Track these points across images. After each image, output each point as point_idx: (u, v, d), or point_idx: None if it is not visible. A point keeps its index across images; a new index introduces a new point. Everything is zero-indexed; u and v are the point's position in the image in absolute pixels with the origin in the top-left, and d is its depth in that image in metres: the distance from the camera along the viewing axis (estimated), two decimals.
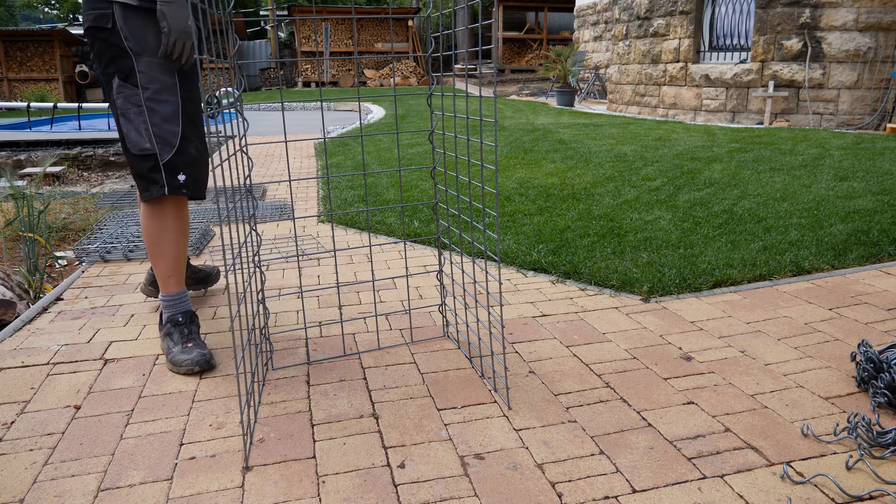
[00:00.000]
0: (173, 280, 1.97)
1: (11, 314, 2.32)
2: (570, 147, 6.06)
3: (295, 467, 1.40)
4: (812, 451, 1.42)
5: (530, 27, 22.71)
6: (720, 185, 4.16)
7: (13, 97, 19.83)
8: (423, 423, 1.56)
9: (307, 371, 1.85)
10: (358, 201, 3.95)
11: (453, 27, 1.74)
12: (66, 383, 1.79)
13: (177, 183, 1.83)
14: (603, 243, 2.93)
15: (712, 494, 1.28)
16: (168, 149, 1.80)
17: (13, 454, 1.47)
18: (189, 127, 1.84)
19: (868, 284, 2.43)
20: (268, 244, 3.17)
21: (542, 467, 1.38)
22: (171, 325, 1.93)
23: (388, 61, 21.98)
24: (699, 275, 2.51)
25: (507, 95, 16.21)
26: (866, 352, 1.67)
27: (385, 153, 6.03)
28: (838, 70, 7.51)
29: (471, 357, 1.91)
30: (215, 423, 1.57)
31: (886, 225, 3.11)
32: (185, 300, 1.99)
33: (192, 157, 1.85)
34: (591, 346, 1.97)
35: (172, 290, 1.98)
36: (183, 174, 1.83)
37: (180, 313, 1.95)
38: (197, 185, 1.89)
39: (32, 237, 2.78)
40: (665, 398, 1.65)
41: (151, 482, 1.36)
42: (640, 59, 9.93)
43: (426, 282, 2.58)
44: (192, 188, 1.87)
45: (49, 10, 37.71)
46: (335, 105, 13.96)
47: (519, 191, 4.10)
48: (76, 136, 7.68)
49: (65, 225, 3.71)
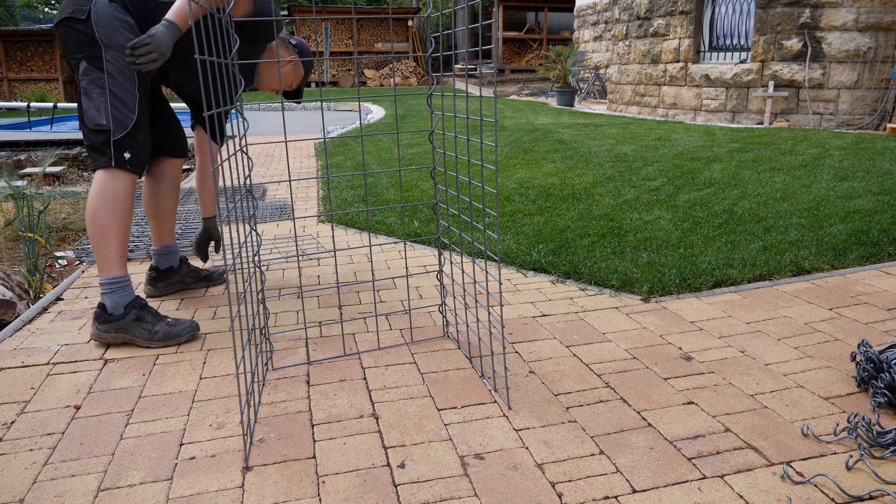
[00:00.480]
0: (121, 261, 2.00)
1: (11, 314, 2.32)
2: (570, 147, 6.06)
3: (295, 467, 1.40)
4: (812, 451, 1.42)
5: (530, 27, 22.71)
6: (720, 185, 4.16)
7: (13, 97, 19.83)
8: (423, 423, 1.56)
9: (307, 371, 1.85)
10: (358, 201, 3.95)
11: (453, 27, 1.74)
12: (66, 383, 1.79)
13: (123, 159, 1.98)
14: (603, 243, 2.93)
15: (712, 494, 1.28)
16: (121, 129, 1.97)
17: (13, 454, 1.47)
18: (143, 117, 2.02)
19: (868, 284, 2.43)
20: (268, 244, 3.17)
21: (542, 467, 1.38)
22: (137, 310, 1.99)
23: (388, 61, 21.98)
24: (699, 275, 2.51)
25: (507, 95, 16.21)
26: (866, 352, 1.67)
27: (385, 153, 6.03)
28: (838, 70, 7.51)
29: (471, 357, 1.91)
30: (215, 423, 1.57)
31: (886, 225, 3.11)
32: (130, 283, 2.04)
33: (140, 142, 2.02)
34: (591, 346, 1.97)
35: (119, 272, 2.00)
36: (128, 153, 1.99)
37: (136, 296, 2.01)
38: (139, 165, 2.03)
39: (32, 237, 2.78)
40: (665, 398, 1.65)
41: (151, 482, 1.36)
42: (640, 59, 9.93)
43: (426, 282, 2.58)
44: (136, 166, 2.02)
45: (49, 10, 37.70)
46: (335, 105, 13.96)
47: (519, 191, 4.10)
48: (76, 136, 7.68)
49: (65, 225, 3.71)
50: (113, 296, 1.98)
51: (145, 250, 2.98)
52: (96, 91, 1.97)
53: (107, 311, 1.98)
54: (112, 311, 1.97)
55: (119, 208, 1.98)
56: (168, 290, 2.46)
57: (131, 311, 1.97)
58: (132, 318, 1.97)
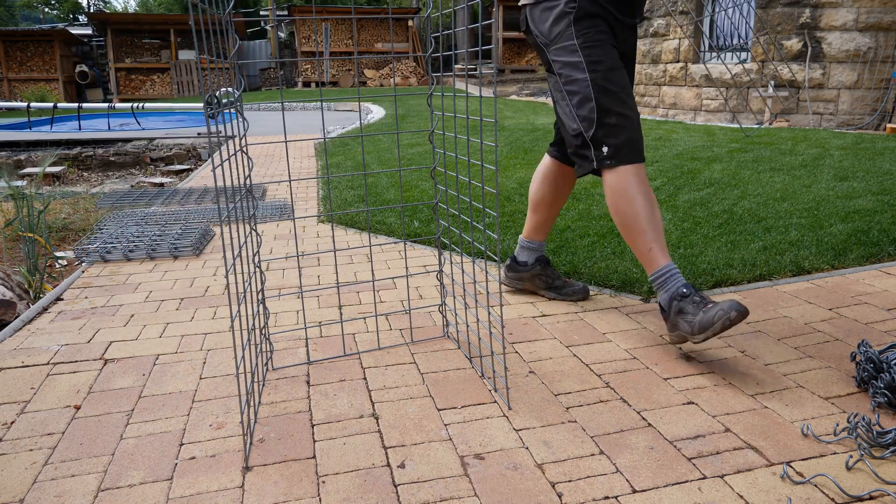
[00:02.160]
0: (656, 251, 1.88)
1: (11, 314, 2.32)
2: None
3: (295, 467, 1.40)
4: (812, 451, 1.42)
5: None
6: (720, 185, 4.16)
7: (13, 97, 19.83)
8: (423, 423, 1.56)
9: (307, 371, 1.85)
10: (358, 201, 3.95)
11: (453, 27, 1.74)
12: (66, 383, 1.79)
13: (602, 156, 1.90)
14: (603, 243, 2.93)
15: (712, 494, 1.28)
16: (589, 125, 1.90)
17: (13, 454, 1.47)
18: (603, 98, 1.89)
19: (868, 284, 2.43)
20: (268, 244, 3.17)
21: (542, 467, 1.38)
22: (678, 301, 1.81)
23: (388, 61, 21.98)
24: (699, 275, 2.51)
25: (507, 95, 16.21)
26: (866, 352, 1.67)
27: (385, 153, 6.03)
28: (838, 70, 7.51)
29: (471, 357, 1.91)
30: (215, 423, 1.57)
31: (886, 225, 3.11)
32: (677, 271, 1.87)
33: (610, 126, 1.89)
34: (591, 346, 1.97)
35: (660, 263, 1.88)
36: (606, 146, 1.89)
37: (682, 285, 1.83)
38: (620, 154, 1.89)
39: (32, 237, 2.78)
40: (665, 398, 1.65)
41: (151, 482, 1.36)
42: (640, 59, 9.92)
43: (426, 282, 2.58)
44: (616, 157, 1.89)
45: (49, 10, 37.71)
46: (335, 105, 13.96)
47: (519, 191, 4.10)
48: (76, 136, 7.69)
49: (65, 225, 3.71)
50: (663, 287, 1.86)
51: (145, 250, 2.98)
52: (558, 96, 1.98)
53: (661, 309, 1.88)
54: (665, 308, 1.87)
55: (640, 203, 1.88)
56: (515, 285, 2.39)
57: (673, 304, 1.82)
58: (675, 311, 1.82)
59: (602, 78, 1.89)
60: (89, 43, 22.96)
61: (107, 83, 22.12)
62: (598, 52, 1.90)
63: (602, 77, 1.89)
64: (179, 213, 3.81)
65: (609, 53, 1.92)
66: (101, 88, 22.03)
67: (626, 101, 1.91)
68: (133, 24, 22.15)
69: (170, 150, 7.06)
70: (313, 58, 15.33)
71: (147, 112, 11.76)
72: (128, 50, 21.89)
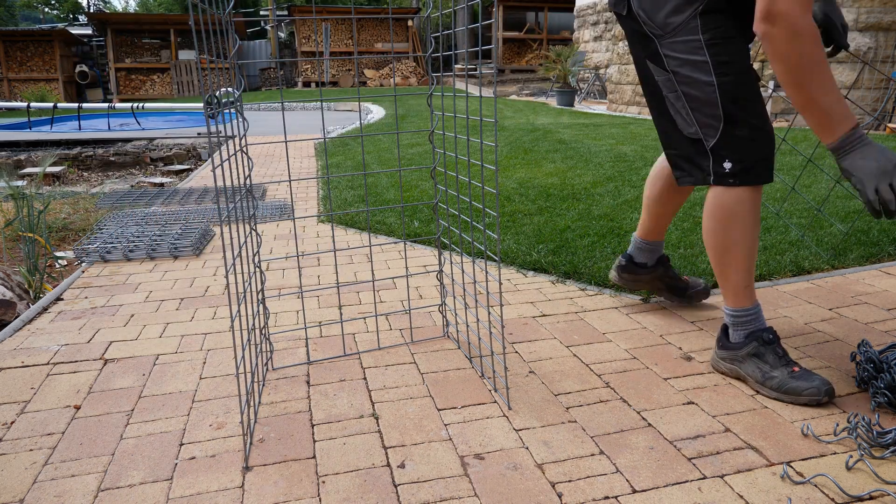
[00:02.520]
0: (751, 288, 1.70)
1: (11, 314, 2.32)
2: (571, 147, 6.06)
3: (295, 467, 1.40)
4: (812, 451, 1.42)
5: (530, 27, 22.70)
6: None
7: (13, 97, 19.83)
8: (423, 423, 1.56)
9: (307, 371, 1.85)
10: (358, 201, 3.95)
11: (453, 27, 1.74)
12: (66, 383, 1.79)
13: (722, 171, 1.65)
14: (603, 243, 2.93)
15: (712, 494, 1.28)
16: (712, 132, 1.65)
17: (13, 454, 1.47)
18: (731, 107, 1.62)
19: (868, 284, 2.43)
20: (268, 244, 3.17)
21: (542, 467, 1.38)
22: (758, 344, 1.67)
23: (388, 61, 21.98)
24: (699, 275, 2.51)
25: (507, 95, 16.21)
26: (866, 352, 1.67)
27: (385, 153, 6.03)
28: (838, 70, 7.51)
29: (471, 357, 1.91)
30: (215, 423, 1.57)
31: (886, 225, 3.11)
32: (761, 311, 1.73)
33: (739, 140, 1.63)
34: (591, 346, 1.97)
35: (751, 303, 1.71)
36: (729, 161, 1.64)
37: (764, 329, 1.69)
38: (749, 173, 1.64)
39: (32, 237, 2.78)
40: (665, 398, 1.65)
41: (151, 482, 1.36)
42: None
43: (426, 282, 2.58)
44: (740, 176, 1.64)
45: (49, 10, 37.70)
46: (335, 105, 13.96)
47: (519, 191, 4.10)
48: (76, 136, 7.69)
49: (65, 225, 3.71)
50: (742, 327, 1.71)
51: (145, 250, 2.98)
52: (671, 95, 1.70)
53: (729, 339, 1.74)
54: (732, 341, 1.73)
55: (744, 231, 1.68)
56: (633, 286, 2.24)
57: (751, 345, 1.67)
58: (749, 352, 1.68)
59: (732, 83, 1.61)
60: (89, 43, 22.97)
61: (107, 83, 22.13)
62: (728, 51, 1.61)
63: (732, 82, 1.61)
64: (179, 213, 3.81)
65: (741, 52, 1.63)
66: (101, 88, 22.04)
67: (761, 112, 1.64)
68: (133, 24, 22.15)
69: (170, 150, 7.07)
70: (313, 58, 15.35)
71: (147, 112, 11.76)
72: (128, 50, 21.90)
